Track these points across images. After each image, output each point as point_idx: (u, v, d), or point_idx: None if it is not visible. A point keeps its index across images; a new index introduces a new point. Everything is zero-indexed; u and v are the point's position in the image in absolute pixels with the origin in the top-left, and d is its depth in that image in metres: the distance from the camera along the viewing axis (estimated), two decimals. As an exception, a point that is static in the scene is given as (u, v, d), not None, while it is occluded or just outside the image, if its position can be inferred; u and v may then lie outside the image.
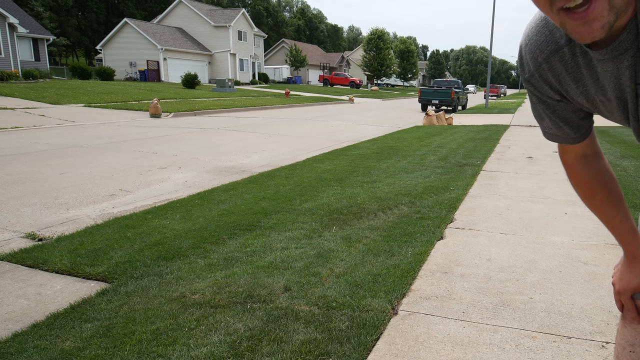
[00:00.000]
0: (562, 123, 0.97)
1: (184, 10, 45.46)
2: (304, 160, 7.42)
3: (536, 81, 0.92)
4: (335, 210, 4.30)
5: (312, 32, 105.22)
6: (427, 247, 3.35)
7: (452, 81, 27.52)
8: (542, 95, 0.94)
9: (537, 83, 0.92)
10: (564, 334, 2.22)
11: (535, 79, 0.92)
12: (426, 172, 6.18)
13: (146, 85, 30.67)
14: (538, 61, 0.88)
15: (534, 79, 0.92)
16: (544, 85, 0.91)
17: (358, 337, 2.16)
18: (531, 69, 0.91)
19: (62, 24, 54.51)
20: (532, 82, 0.93)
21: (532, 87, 0.94)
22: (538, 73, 0.90)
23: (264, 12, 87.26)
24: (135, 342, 2.14)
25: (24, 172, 6.34)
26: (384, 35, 57.78)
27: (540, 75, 0.90)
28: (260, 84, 46.94)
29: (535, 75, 0.91)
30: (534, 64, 0.89)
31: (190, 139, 10.30)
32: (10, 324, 2.40)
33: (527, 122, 15.35)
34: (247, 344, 2.11)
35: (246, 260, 3.11)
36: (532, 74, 0.91)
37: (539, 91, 0.94)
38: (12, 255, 3.27)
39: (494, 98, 47.91)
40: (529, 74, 0.92)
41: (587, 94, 0.88)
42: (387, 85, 73.33)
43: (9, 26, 26.51)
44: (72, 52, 66.44)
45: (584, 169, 1.04)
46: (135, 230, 3.80)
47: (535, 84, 0.93)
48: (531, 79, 0.92)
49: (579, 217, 4.15)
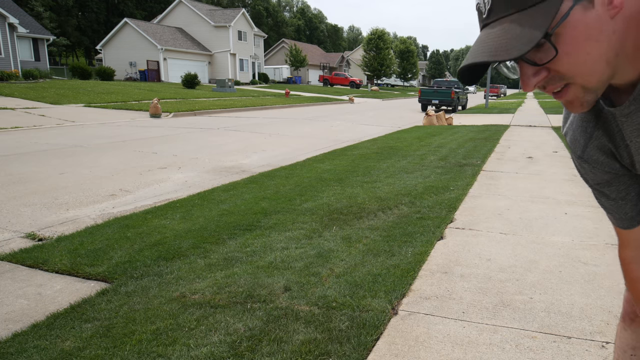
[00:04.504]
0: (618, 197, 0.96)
1: (184, 10, 45.47)
2: (304, 160, 7.42)
3: (589, 155, 0.92)
4: (335, 210, 4.30)
5: (312, 32, 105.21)
6: (427, 247, 3.35)
7: (452, 81, 27.53)
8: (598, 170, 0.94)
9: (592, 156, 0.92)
10: (564, 334, 2.22)
11: (589, 153, 0.92)
12: (426, 172, 6.18)
13: (146, 85, 30.67)
14: (589, 132, 0.89)
15: (587, 154, 0.92)
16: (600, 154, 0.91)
17: (358, 337, 2.16)
18: (582, 143, 0.91)
19: (62, 24, 54.51)
20: (586, 158, 0.93)
21: (587, 164, 0.94)
22: (592, 144, 0.90)
23: (264, 12, 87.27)
24: (135, 342, 2.14)
25: (24, 172, 6.34)
26: (384, 35, 57.80)
27: (595, 145, 0.90)
28: (260, 84, 46.93)
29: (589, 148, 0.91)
30: (585, 137, 0.90)
31: (190, 139, 10.30)
32: (10, 324, 2.40)
33: (527, 122, 15.35)
34: (247, 344, 2.11)
35: (246, 260, 3.11)
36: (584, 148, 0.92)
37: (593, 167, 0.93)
38: (12, 255, 3.27)
39: (494, 98, 47.87)
40: (582, 149, 0.92)
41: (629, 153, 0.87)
42: (387, 85, 73.33)
43: (9, 26, 26.51)
44: (72, 52, 66.46)
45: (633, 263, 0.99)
46: (135, 230, 3.80)
47: (589, 159, 0.93)
48: (584, 155, 0.93)
49: (579, 217, 4.15)
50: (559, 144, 9.26)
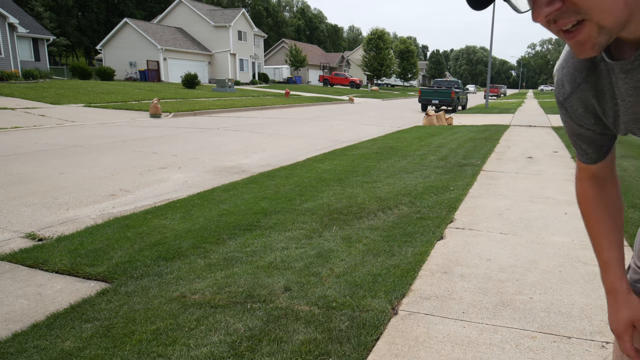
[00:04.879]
0: (585, 145, 0.98)
1: (184, 10, 45.47)
2: (304, 160, 7.42)
3: (570, 105, 0.93)
4: (335, 210, 4.30)
5: (312, 32, 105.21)
6: (427, 247, 3.35)
7: (452, 81, 27.52)
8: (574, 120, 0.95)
9: (572, 107, 0.93)
10: (564, 334, 2.22)
11: (569, 103, 0.92)
12: (426, 172, 6.19)
13: (146, 85, 30.66)
14: (577, 82, 0.89)
15: (568, 103, 0.93)
16: (580, 107, 0.92)
17: (358, 337, 2.16)
18: (567, 90, 0.91)
19: (62, 24, 54.52)
20: (566, 106, 0.94)
21: (565, 110, 0.95)
22: (576, 95, 0.90)
23: (264, 12, 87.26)
24: (135, 342, 2.14)
25: (24, 172, 6.34)
26: (384, 35, 57.80)
27: (578, 96, 0.90)
28: (260, 84, 46.93)
29: (572, 97, 0.91)
30: (572, 85, 0.90)
31: (190, 139, 10.30)
32: (10, 324, 2.40)
33: (527, 122, 15.36)
34: (247, 344, 2.11)
35: (246, 260, 3.11)
36: (567, 96, 0.92)
37: (570, 115, 0.95)
38: (12, 255, 3.27)
39: (494, 98, 47.88)
40: (564, 96, 0.93)
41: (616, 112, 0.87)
42: (387, 85, 73.34)
43: (9, 26, 26.51)
44: (72, 52, 66.46)
45: (590, 188, 1.04)
46: (135, 230, 3.80)
47: (569, 108, 0.93)
48: (565, 102, 0.93)
49: (579, 217, 4.15)
50: (559, 144, 9.26)
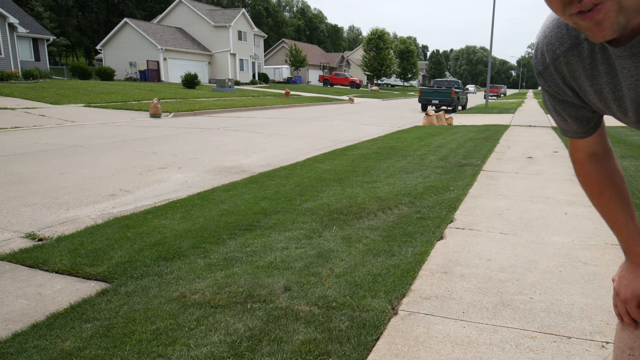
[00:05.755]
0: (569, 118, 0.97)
1: (184, 10, 45.47)
2: (304, 160, 7.42)
3: (549, 75, 0.91)
4: (335, 210, 4.30)
5: (312, 32, 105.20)
6: (427, 247, 3.35)
7: (452, 81, 27.53)
8: (552, 91, 0.94)
9: (551, 77, 0.91)
10: (564, 334, 2.22)
11: (548, 72, 0.91)
12: (426, 172, 6.18)
13: (146, 85, 30.67)
14: (556, 54, 0.87)
15: (547, 73, 0.91)
16: (558, 79, 0.91)
17: (358, 337, 2.16)
18: (547, 61, 0.90)
19: (62, 24, 54.51)
20: (545, 76, 0.92)
21: (544, 81, 0.93)
22: (554, 66, 0.89)
23: (264, 12, 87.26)
24: (135, 342, 2.14)
25: (24, 172, 6.34)
26: (384, 35, 57.80)
27: (555, 68, 0.89)
28: (260, 84, 46.93)
29: (550, 68, 0.90)
30: (551, 56, 0.88)
31: (190, 139, 10.30)
32: (10, 324, 2.40)
33: (527, 122, 15.36)
34: (247, 344, 2.11)
35: (246, 260, 3.11)
36: (546, 66, 0.90)
37: (549, 86, 0.93)
38: (12, 255, 3.27)
39: (494, 98, 47.88)
40: (543, 66, 0.91)
41: (600, 93, 0.87)
42: (387, 85, 73.34)
43: (9, 26, 26.51)
44: (72, 52, 66.46)
45: (592, 167, 1.03)
46: (135, 230, 3.80)
47: (547, 78, 0.92)
48: (544, 73, 0.92)
49: (579, 217, 4.15)
50: (559, 144, 9.26)
